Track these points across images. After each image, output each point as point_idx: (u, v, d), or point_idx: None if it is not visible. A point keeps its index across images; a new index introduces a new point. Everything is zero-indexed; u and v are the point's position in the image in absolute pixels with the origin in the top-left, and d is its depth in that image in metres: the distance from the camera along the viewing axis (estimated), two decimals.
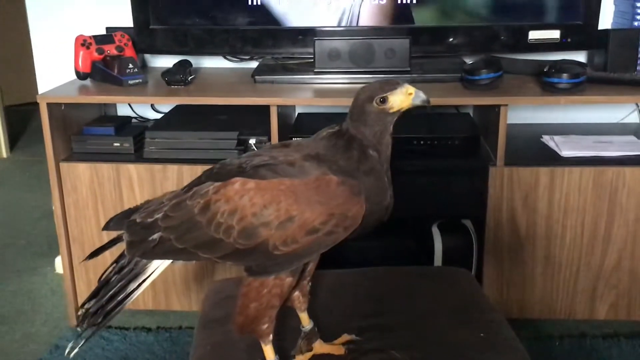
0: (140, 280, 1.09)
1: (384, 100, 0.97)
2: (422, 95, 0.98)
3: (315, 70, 1.92)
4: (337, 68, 1.91)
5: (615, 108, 2.16)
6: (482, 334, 1.17)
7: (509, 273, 1.88)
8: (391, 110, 0.98)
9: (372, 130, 0.98)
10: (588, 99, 1.80)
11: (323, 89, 1.90)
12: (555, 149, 1.90)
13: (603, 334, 1.89)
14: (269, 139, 1.84)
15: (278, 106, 1.81)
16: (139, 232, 1.06)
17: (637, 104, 2.11)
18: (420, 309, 1.26)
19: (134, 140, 1.92)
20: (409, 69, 1.89)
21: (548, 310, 1.90)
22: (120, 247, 1.12)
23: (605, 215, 1.81)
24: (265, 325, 1.03)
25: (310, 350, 1.12)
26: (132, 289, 1.08)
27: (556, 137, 1.95)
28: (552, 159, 1.85)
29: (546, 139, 1.97)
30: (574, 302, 1.89)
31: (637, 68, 1.87)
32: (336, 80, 1.92)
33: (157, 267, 1.09)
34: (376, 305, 1.28)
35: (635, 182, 1.77)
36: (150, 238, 1.04)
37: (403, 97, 0.98)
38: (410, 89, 0.98)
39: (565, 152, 1.86)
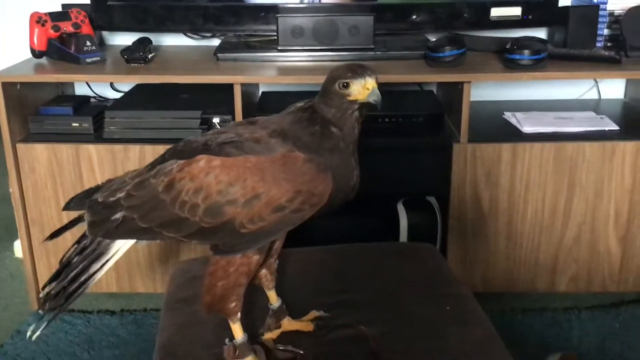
0: (104, 261, 1.06)
1: (346, 85, 0.96)
2: (376, 95, 0.96)
3: (279, 48, 1.90)
4: (300, 46, 1.89)
5: (575, 84, 2.19)
6: (448, 308, 1.19)
7: (472, 248, 1.90)
8: (349, 98, 0.96)
9: (331, 111, 0.97)
10: (549, 75, 1.82)
11: (287, 67, 1.89)
12: (517, 125, 1.92)
13: (563, 306, 1.94)
14: (233, 118, 1.82)
15: (242, 84, 1.78)
16: (101, 212, 1.03)
17: (595, 80, 2.15)
18: (386, 285, 1.27)
19: (94, 120, 1.88)
20: (372, 46, 1.89)
21: (510, 284, 1.94)
22: (82, 227, 1.09)
23: (566, 190, 1.84)
24: (233, 304, 1.02)
25: (279, 327, 1.12)
26: (95, 269, 1.06)
27: (518, 114, 1.97)
28: (514, 135, 1.87)
29: (508, 115, 2.00)
30: (536, 276, 1.93)
31: (597, 44, 1.90)
32: (300, 58, 1.90)
33: (121, 247, 1.07)
34: (343, 282, 1.28)
35: (595, 157, 1.81)
36: (113, 217, 1.02)
37: (361, 89, 0.96)
38: (370, 84, 0.96)
39: (527, 128, 1.88)
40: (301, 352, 1.05)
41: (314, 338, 1.10)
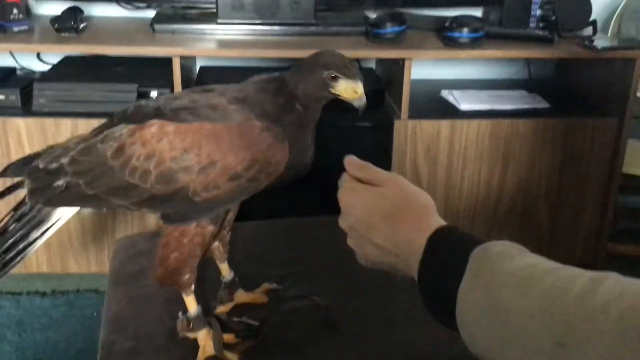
0: (44, 229, 1.01)
1: (335, 78, 0.94)
2: (364, 102, 0.96)
3: (218, 21, 1.85)
4: (241, 19, 1.85)
5: (507, 65, 2.26)
6: (398, 279, 1.20)
7: None
8: (332, 90, 0.94)
9: (305, 91, 0.95)
10: (487, 54, 1.87)
11: (227, 41, 1.85)
12: (454, 102, 1.96)
13: None
14: (172, 92, 1.77)
15: (181, 57, 1.73)
16: (42, 178, 0.98)
17: (527, 60, 2.22)
18: (335, 256, 1.26)
19: (21, 92, 1.78)
20: (314, 21, 1.88)
21: None
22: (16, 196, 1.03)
23: (500, 164, 1.90)
24: (187, 276, 0.99)
25: (232, 300, 1.10)
26: (34, 237, 1.00)
27: (454, 92, 2.02)
28: (452, 112, 1.92)
29: (445, 93, 2.04)
30: None
31: (530, 25, 1.96)
32: (240, 32, 1.87)
33: (63, 215, 1.01)
34: (293, 254, 1.27)
35: (528, 132, 1.87)
36: (56, 184, 0.97)
37: (350, 90, 0.95)
38: (360, 89, 0.95)
39: (464, 106, 1.93)
40: (257, 323, 1.03)
41: (268, 310, 1.09)
